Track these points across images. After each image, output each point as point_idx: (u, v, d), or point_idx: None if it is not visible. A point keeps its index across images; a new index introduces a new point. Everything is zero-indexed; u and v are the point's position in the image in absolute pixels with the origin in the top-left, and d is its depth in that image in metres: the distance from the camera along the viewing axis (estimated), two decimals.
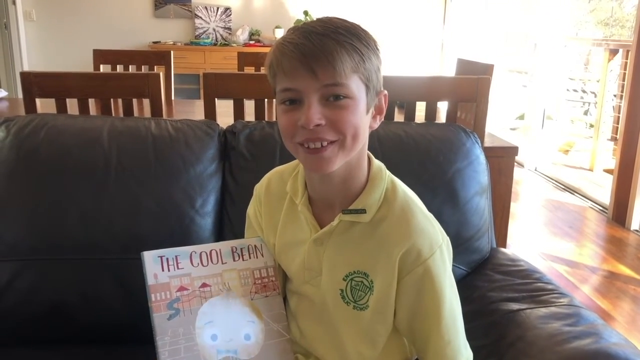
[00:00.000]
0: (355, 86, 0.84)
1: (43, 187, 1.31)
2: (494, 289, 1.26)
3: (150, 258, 0.92)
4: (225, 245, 0.99)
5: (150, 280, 0.90)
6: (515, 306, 1.18)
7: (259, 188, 1.07)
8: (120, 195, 1.32)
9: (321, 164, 0.86)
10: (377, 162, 0.96)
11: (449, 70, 5.24)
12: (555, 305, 1.16)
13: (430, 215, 0.95)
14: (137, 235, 1.30)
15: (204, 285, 0.94)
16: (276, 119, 0.90)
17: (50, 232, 1.30)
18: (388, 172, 0.96)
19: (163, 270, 0.92)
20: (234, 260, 0.98)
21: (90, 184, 1.32)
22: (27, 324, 1.29)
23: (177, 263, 0.93)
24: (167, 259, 0.93)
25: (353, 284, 0.93)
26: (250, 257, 0.99)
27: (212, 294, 0.94)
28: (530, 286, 1.26)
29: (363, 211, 0.91)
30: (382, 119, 0.93)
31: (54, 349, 1.27)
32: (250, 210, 1.09)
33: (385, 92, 0.91)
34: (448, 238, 0.94)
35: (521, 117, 5.75)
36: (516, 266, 1.35)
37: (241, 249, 0.99)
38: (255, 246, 1.01)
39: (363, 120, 0.86)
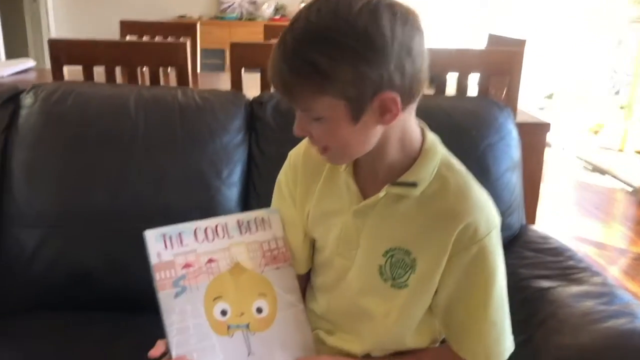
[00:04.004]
0: (327, 106, 0.77)
1: (70, 155, 1.32)
2: (524, 266, 1.24)
3: (152, 237, 0.88)
4: (231, 219, 0.95)
5: (153, 259, 0.87)
6: (546, 284, 1.16)
7: (295, 153, 1.02)
8: (146, 164, 1.31)
9: (329, 161, 0.91)
10: (431, 135, 0.90)
11: (479, 47, 5.13)
12: (589, 283, 1.13)
13: (486, 193, 0.90)
14: (163, 204, 1.30)
15: (210, 260, 0.91)
16: None
17: (77, 200, 1.30)
18: (443, 146, 0.91)
19: (166, 248, 0.88)
20: (241, 233, 0.94)
21: (117, 152, 1.32)
22: (53, 291, 1.31)
23: (181, 240, 0.90)
24: (170, 236, 0.89)
25: (393, 261, 0.89)
26: (257, 230, 0.96)
27: (220, 269, 0.91)
28: (562, 264, 1.23)
29: (414, 184, 0.86)
30: (397, 115, 0.79)
31: (78, 315, 1.28)
32: (282, 177, 1.04)
33: (391, 94, 0.76)
34: (500, 218, 0.90)
35: (549, 97, 5.63)
36: (547, 244, 1.32)
37: (248, 221, 0.96)
38: (262, 218, 0.97)
39: (350, 132, 0.80)
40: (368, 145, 0.83)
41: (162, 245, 0.88)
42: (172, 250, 0.89)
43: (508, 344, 0.89)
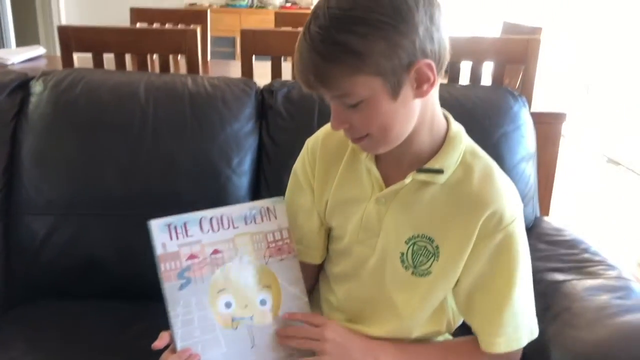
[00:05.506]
0: (365, 86, 0.76)
1: (80, 142, 1.31)
2: (538, 259, 1.21)
3: (157, 227, 0.87)
4: (236, 209, 0.94)
5: (158, 250, 0.86)
6: (560, 277, 1.14)
7: (313, 141, 1.01)
8: (157, 151, 1.30)
9: (367, 150, 0.89)
10: (456, 124, 0.91)
11: (493, 34, 5.06)
12: (604, 277, 1.11)
13: (510, 180, 0.90)
14: (173, 192, 1.29)
15: (215, 251, 0.90)
16: None
17: (87, 187, 1.30)
18: (467, 136, 0.91)
19: (172, 239, 0.87)
20: (246, 224, 0.93)
21: (127, 139, 1.31)
22: (64, 278, 1.30)
23: (186, 230, 0.88)
24: (176, 226, 0.88)
25: (415, 248, 0.88)
26: (262, 220, 0.94)
27: (224, 260, 0.90)
28: (577, 257, 1.21)
29: (440, 171, 0.86)
30: (436, 84, 0.80)
31: (90, 302, 1.29)
32: (299, 165, 1.03)
33: (426, 61, 0.77)
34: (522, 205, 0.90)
35: (564, 86, 5.56)
36: (561, 236, 1.30)
37: (253, 212, 0.94)
38: (267, 208, 0.96)
39: (391, 110, 0.79)
40: (409, 124, 0.82)
41: (167, 236, 0.87)
42: (177, 240, 0.88)
43: (526, 330, 0.89)
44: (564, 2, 5.10)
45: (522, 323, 0.88)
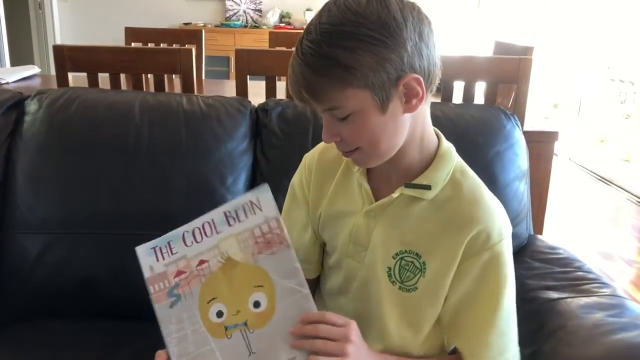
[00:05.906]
0: (354, 99, 0.78)
1: (74, 161, 1.31)
2: (532, 277, 1.22)
3: (143, 252, 0.87)
4: (217, 213, 0.89)
5: (146, 273, 0.86)
6: (555, 295, 1.14)
7: (310, 156, 1.03)
8: (151, 170, 1.31)
9: (358, 164, 0.90)
10: (446, 142, 0.92)
11: (485, 54, 5.12)
12: (598, 295, 1.12)
13: (498, 201, 0.90)
14: (168, 211, 1.29)
15: (201, 262, 0.87)
16: None
17: (81, 206, 1.29)
18: (457, 154, 0.92)
19: (158, 261, 0.86)
20: (230, 225, 0.88)
21: (122, 158, 1.31)
22: (58, 297, 1.29)
23: (171, 249, 0.87)
24: (160, 248, 0.87)
25: (402, 264, 0.89)
26: (247, 216, 0.88)
27: (211, 269, 0.87)
28: (571, 275, 1.21)
29: (428, 187, 0.87)
30: (426, 98, 0.82)
31: (84, 322, 1.27)
32: (296, 179, 1.04)
33: (414, 75, 0.78)
34: (511, 227, 0.90)
35: (555, 106, 5.61)
36: (555, 254, 1.31)
37: (235, 210, 0.88)
38: (250, 202, 0.88)
39: (380, 123, 0.80)
40: (398, 138, 0.83)
41: (154, 258, 0.86)
42: (163, 261, 0.87)
43: (511, 354, 0.89)
44: (555, 23, 5.17)
45: (507, 347, 0.88)
